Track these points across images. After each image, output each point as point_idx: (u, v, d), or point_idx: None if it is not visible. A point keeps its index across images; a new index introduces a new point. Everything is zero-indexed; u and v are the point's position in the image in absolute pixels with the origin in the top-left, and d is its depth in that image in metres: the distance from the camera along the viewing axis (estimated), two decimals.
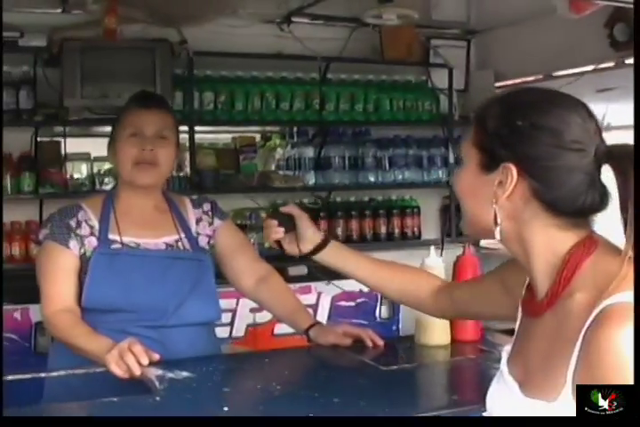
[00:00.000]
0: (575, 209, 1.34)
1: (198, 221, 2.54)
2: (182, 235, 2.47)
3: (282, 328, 3.92)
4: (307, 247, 1.98)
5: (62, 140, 4.06)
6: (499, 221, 1.38)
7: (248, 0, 4.17)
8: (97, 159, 4.16)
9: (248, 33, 4.43)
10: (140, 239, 2.40)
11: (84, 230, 2.37)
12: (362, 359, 2.23)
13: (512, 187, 1.35)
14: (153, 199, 2.50)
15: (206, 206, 2.58)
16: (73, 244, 2.35)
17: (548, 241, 1.36)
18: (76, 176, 4.11)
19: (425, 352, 2.37)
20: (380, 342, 2.33)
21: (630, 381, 1.16)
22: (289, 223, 1.97)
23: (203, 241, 2.51)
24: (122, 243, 2.37)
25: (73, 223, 2.37)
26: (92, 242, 2.36)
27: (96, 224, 2.40)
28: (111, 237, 2.38)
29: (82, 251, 2.35)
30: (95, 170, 4.15)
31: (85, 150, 4.17)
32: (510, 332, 1.55)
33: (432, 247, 2.37)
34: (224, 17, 4.24)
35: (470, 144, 1.43)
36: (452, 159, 4.69)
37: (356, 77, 4.58)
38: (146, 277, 2.34)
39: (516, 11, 4.61)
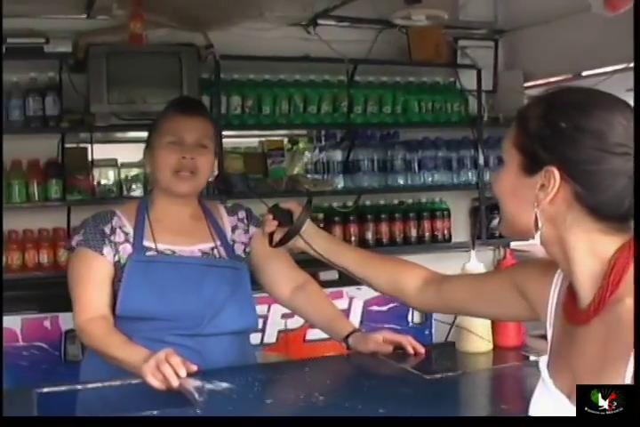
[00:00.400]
0: (620, 214, 1.30)
1: (234, 228, 2.49)
2: (218, 242, 2.42)
3: (314, 334, 3.88)
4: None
5: (89, 146, 4.01)
6: (539, 224, 1.34)
7: (274, 3, 4.12)
8: (124, 165, 4.14)
9: (274, 36, 4.39)
10: (175, 246, 2.36)
11: (119, 237, 2.33)
12: (404, 367, 2.17)
13: (554, 191, 1.31)
14: (189, 207, 2.45)
15: (241, 214, 2.54)
16: (107, 250, 2.31)
17: (592, 246, 1.32)
18: (103, 182, 4.07)
19: (467, 359, 2.31)
20: (422, 350, 2.27)
21: None
22: (285, 218, 1.99)
23: (239, 249, 2.47)
24: (157, 250, 2.33)
25: (107, 230, 2.33)
26: (126, 249, 2.32)
27: (131, 231, 2.35)
28: (146, 244, 2.34)
29: (116, 258, 2.31)
30: (122, 176, 4.12)
31: (112, 156, 4.14)
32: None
33: (472, 252, 2.31)
34: (250, 20, 4.20)
35: (511, 144, 1.39)
36: (481, 161, 4.62)
37: (383, 79, 4.52)
38: (182, 284, 2.29)
39: (544, 9, 4.54)
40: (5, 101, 3.79)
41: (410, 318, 4.12)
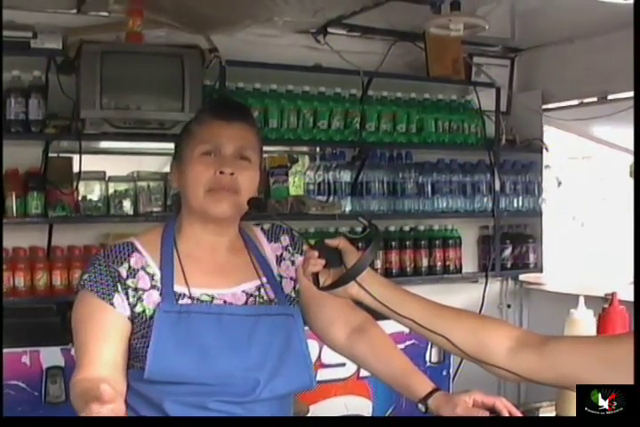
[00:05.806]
0: None
1: (279, 259, 2.03)
2: (264, 279, 1.96)
3: (324, 375, 3.46)
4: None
5: (75, 156, 3.54)
6: None
7: (285, 6, 3.73)
8: (112, 179, 3.69)
9: (281, 43, 4.05)
10: (213, 289, 1.89)
11: (142, 282, 1.85)
12: None
13: None
14: (228, 236, 1.97)
15: (285, 239, 2.06)
16: (118, 300, 1.83)
17: None
18: (88, 197, 3.61)
19: None
20: (519, 415, 1.87)
21: None
22: (333, 257, 1.66)
23: (288, 286, 2.00)
24: (191, 297, 1.86)
25: (124, 271, 1.85)
26: (152, 297, 1.84)
27: (157, 271, 1.87)
28: (177, 289, 1.86)
29: (138, 308, 1.83)
30: (110, 191, 3.66)
31: (100, 168, 3.68)
32: None
33: (581, 298, 1.93)
34: (258, 25, 3.81)
35: None
36: (497, 187, 4.28)
37: (397, 95, 4.15)
38: (227, 340, 1.83)
39: (567, 27, 4.28)
40: None
41: (427, 358, 3.73)
